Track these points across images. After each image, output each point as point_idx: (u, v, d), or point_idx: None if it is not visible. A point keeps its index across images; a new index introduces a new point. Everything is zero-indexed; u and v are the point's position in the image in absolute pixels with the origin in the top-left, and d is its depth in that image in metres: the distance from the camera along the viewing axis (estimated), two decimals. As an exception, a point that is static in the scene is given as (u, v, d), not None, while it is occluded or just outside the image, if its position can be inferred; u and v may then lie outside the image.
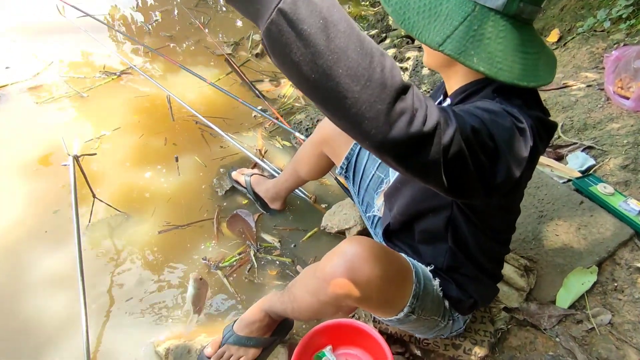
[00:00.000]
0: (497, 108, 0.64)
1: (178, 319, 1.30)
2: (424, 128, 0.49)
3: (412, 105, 0.49)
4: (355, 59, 0.45)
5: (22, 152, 1.87)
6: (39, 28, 2.89)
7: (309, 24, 0.44)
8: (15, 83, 2.29)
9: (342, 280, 0.75)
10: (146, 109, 2.21)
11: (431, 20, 0.64)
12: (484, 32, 0.64)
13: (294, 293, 0.94)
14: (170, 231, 1.57)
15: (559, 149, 1.67)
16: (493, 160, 0.59)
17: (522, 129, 0.63)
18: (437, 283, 0.90)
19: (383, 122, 0.47)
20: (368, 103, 0.46)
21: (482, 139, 0.58)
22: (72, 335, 1.23)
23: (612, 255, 1.27)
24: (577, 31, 2.29)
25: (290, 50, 0.45)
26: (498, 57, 0.65)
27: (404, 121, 0.48)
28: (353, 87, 0.46)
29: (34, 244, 1.50)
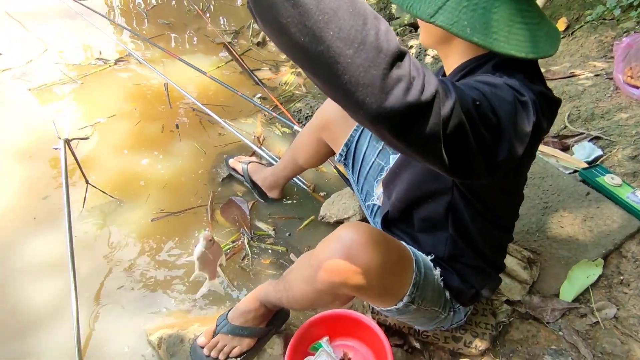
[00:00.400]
0: (498, 81, 0.62)
1: (171, 308, 1.27)
2: (421, 97, 0.45)
3: (409, 73, 0.45)
4: (347, 20, 0.42)
5: (13, 139, 1.83)
6: (34, 12, 2.83)
7: None
8: (7, 70, 2.23)
9: (338, 267, 0.71)
10: (143, 96, 2.16)
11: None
12: (477, 2, 0.62)
13: (289, 282, 0.91)
14: (164, 218, 1.54)
15: (565, 139, 1.62)
16: (495, 135, 0.56)
17: (524, 102, 0.60)
18: (438, 273, 0.86)
19: (378, 89, 0.43)
20: (362, 68, 0.43)
21: (483, 112, 0.55)
22: (62, 323, 1.21)
23: (618, 247, 1.23)
24: (586, 19, 2.23)
25: (278, 12, 0.42)
26: (493, 27, 0.62)
27: (401, 89, 0.44)
28: (345, 50, 0.42)
29: (24, 230, 1.47)
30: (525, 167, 0.81)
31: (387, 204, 0.98)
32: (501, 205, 0.84)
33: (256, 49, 2.75)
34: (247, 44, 2.81)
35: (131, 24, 2.90)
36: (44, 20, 2.74)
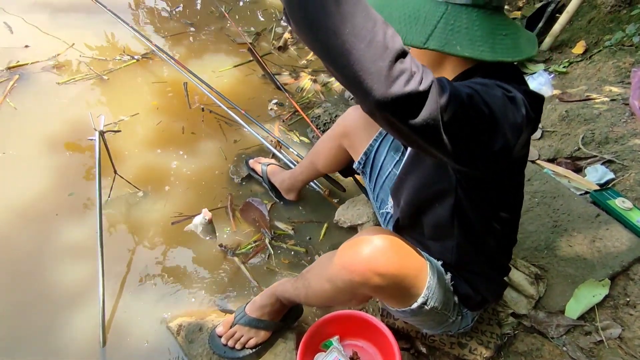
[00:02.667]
0: (487, 81, 0.70)
1: (192, 297, 1.33)
2: (419, 87, 0.54)
3: (410, 67, 0.54)
4: (360, 21, 0.52)
5: (43, 131, 1.90)
6: (61, 6, 2.92)
7: None
8: (35, 62, 2.30)
9: (360, 268, 0.77)
10: (164, 94, 2.23)
11: (412, 25, 0.72)
12: (460, 24, 0.72)
13: (309, 279, 0.96)
14: (186, 215, 1.60)
15: (578, 160, 1.66)
16: (490, 124, 0.64)
17: (512, 97, 0.68)
18: (449, 277, 0.91)
19: (384, 78, 0.53)
20: (371, 60, 0.52)
21: (476, 104, 0.62)
22: (87, 306, 1.27)
23: (626, 270, 1.26)
24: (605, 44, 2.26)
25: (305, 11, 0.53)
26: (478, 41, 0.72)
27: (403, 79, 0.53)
28: (358, 44, 0.52)
29: (53, 217, 1.54)
30: (522, 163, 0.87)
31: (397, 211, 1.03)
32: (503, 204, 0.89)
33: (277, 54, 2.81)
34: (268, 47, 2.87)
35: (154, 22, 2.98)
36: (70, 14, 2.81)
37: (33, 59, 2.32)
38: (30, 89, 2.13)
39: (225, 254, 1.46)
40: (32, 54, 2.36)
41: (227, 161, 1.86)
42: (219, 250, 1.47)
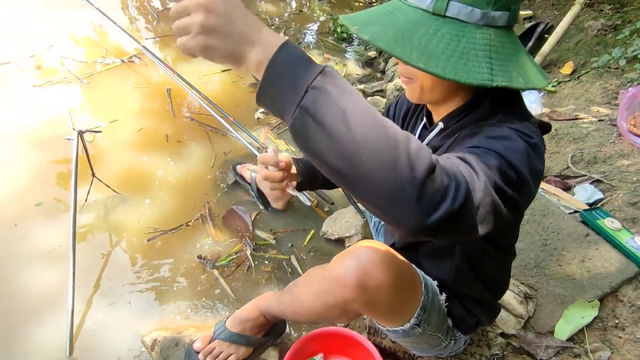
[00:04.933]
0: (507, 132, 0.63)
1: (168, 310, 1.26)
2: (455, 205, 0.48)
3: (441, 184, 0.47)
4: (378, 145, 0.46)
5: (19, 131, 1.81)
6: (44, 4, 2.83)
7: (329, 115, 0.46)
8: (7, 63, 2.18)
9: (352, 283, 0.72)
10: (150, 100, 2.16)
11: (466, 61, 0.62)
12: (509, 51, 0.65)
13: (297, 294, 0.91)
14: (166, 217, 1.53)
15: (567, 179, 1.66)
16: (519, 190, 0.59)
17: (534, 145, 0.63)
18: (444, 299, 0.87)
19: (414, 207, 0.46)
20: (397, 188, 0.45)
21: (506, 175, 0.57)
22: (56, 315, 1.19)
23: (615, 291, 1.25)
24: (592, 66, 2.31)
25: (314, 142, 0.47)
26: (525, 69, 0.67)
27: (436, 202, 0.47)
28: (378, 173, 0.45)
29: (26, 220, 1.46)
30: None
31: (390, 238, 1.00)
32: (507, 229, 0.86)
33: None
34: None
35: (140, 25, 2.91)
36: (48, 12, 2.72)
37: (5, 59, 2.21)
38: (5, 89, 2.03)
39: (205, 266, 1.39)
40: (5, 54, 2.25)
41: (211, 167, 1.81)
42: (198, 262, 1.40)
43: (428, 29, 0.63)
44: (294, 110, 0.48)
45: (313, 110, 0.47)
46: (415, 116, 0.94)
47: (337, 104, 0.47)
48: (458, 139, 0.71)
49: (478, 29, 0.64)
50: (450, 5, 0.63)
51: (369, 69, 3.04)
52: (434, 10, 0.64)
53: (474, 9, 0.63)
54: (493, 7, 0.63)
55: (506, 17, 0.65)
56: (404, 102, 1.00)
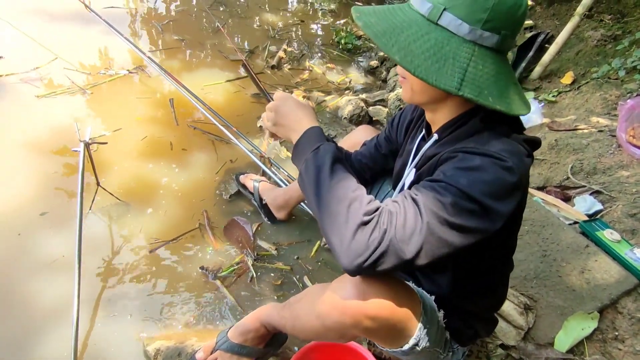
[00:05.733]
0: (478, 162, 0.68)
1: (171, 320, 1.27)
2: (374, 255, 0.64)
3: (368, 237, 0.64)
4: (329, 205, 0.69)
5: (21, 143, 1.81)
6: (56, 14, 2.87)
7: (307, 181, 0.76)
8: (11, 74, 2.17)
9: (352, 310, 0.73)
10: (153, 110, 2.19)
11: (440, 65, 0.67)
12: (488, 71, 0.69)
13: (297, 311, 0.92)
14: (169, 227, 1.54)
15: (567, 190, 1.67)
16: (483, 217, 0.66)
17: (508, 168, 0.67)
18: (442, 315, 0.88)
19: (344, 252, 0.65)
20: (335, 237, 0.67)
21: (464, 209, 0.65)
22: (61, 323, 1.21)
23: (614, 303, 1.26)
24: (592, 76, 2.32)
25: (304, 188, 0.78)
26: (504, 93, 0.70)
27: (360, 251, 0.64)
28: (327, 224, 0.69)
29: (31, 229, 1.48)
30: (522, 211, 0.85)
31: None
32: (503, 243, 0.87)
33: (270, 72, 2.82)
34: (261, 64, 2.88)
35: (145, 37, 2.94)
36: (55, 23, 2.74)
37: (9, 70, 2.21)
38: (4, 102, 2.02)
39: (207, 277, 1.41)
40: (9, 65, 2.25)
41: (215, 173, 1.83)
42: (200, 273, 1.42)
43: (418, 30, 0.69)
44: (300, 168, 0.79)
45: (303, 173, 0.77)
46: (416, 127, 0.98)
47: (312, 173, 0.74)
48: (442, 158, 0.75)
49: (464, 42, 0.68)
50: (443, 14, 0.68)
51: (371, 78, 3.07)
52: (429, 16, 0.70)
53: (463, 23, 0.67)
54: (482, 26, 0.67)
55: (495, 40, 0.69)
56: (408, 114, 1.05)
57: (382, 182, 1.23)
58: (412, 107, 1.05)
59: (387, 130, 1.13)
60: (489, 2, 0.66)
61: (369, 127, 1.43)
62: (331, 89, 2.78)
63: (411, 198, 0.68)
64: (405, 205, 0.67)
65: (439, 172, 0.70)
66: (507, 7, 0.67)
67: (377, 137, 1.17)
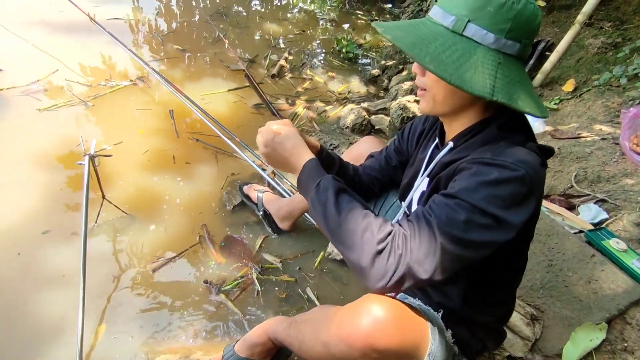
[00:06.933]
0: (495, 174, 0.69)
1: (176, 334, 1.26)
2: (394, 278, 0.67)
3: (385, 262, 0.67)
4: (342, 236, 0.72)
5: (23, 157, 1.81)
6: (59, 26, 2.90)
7: (317, 216, 0.79)
8: (12, 88, 2.18)
9: (359, 344, 0.72)
10: (155, 121, 2.20)
11: (472, 74, 0.70)
12: (514, 77, 0.73)
13: (303, 333, 0.90)
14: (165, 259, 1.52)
15: (572, 198, 1.66)
16: (498, 230, 0.68)
17: (523, 178, 0.69)
18: (450, 334, 0.87)
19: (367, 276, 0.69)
20: (355, 263, 0.70)
21: (479, 224, 0.67)
22: (66, 336, 1.20)
23: (622, 313, 1.24)
24: (593, 84, 2.33)
25: (317, 222, 0.81)
26: (529, 97, 0.74)
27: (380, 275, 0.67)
28: (345, 252, 0.72)
29: (34, 246, 1.47)
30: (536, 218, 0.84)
31: None
32: (516, 253, 0.87)
33: (271, 81, 2.83)
34: (262, 73, 2.89)
35: (146, 47, 2.96)
36: (57, 35, 2.77)
37: (11, 83, 2.22)
38: (6, 115, 2.02)
39: (211, 291, 1.40)
40: (10, 78, 2.26)
41: (216, 188, 1.82)
42: (204, 287, 1.41)
43: (445, 41, 0.72)
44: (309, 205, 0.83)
45: (312, 210, 0.81)
46: (428, 137, 1.00)
47: (320, 210, 0.77)
48: (459, 168, 0.75)
49: (490, 51, 0.72)
50: (468, 26, 0.72)
51: (372, 87, 3.08)
52: (453, 28, 0.73)
53: (488, 33, 0.71)
54: (506, 35, 0.71)
55: (516, 48, 0.73)
56: (418, 125, 1.06)
57: (388, 194, 1.23)
58: (422, 119, 1.06)
59: (396, 142, 1.13)
60: (510, 12, 0.70)
61: (374, 138, 1.43)
62: (332, 98, 2.79)
63: (425, 219, 0.69)
64: (420, 226, 0.68)
65: (454, 185, 0.72)
66: (526, 17, 0.71)
67: (385, 149, 1.17)
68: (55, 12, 3.06)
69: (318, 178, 0.81)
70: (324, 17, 4.13)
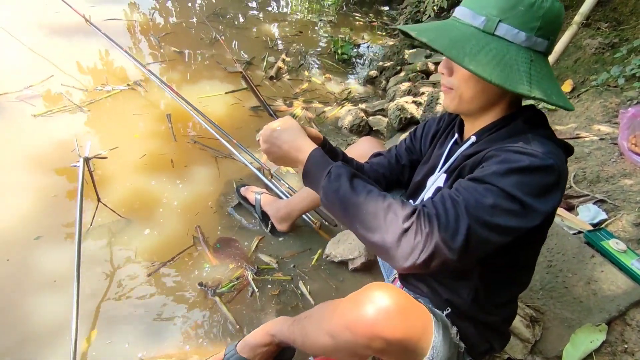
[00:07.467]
0: (526, 162, 0.69)
1: (171, 338, 1.25)
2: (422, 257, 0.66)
3: (412, 241, 0.66)
4: (363, 218, 0.70)
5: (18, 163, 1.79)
6: (56, 29, 2.88)
7: (332, 203, 0.76)
8: (6, 94, 2.15)
9: (365, 331, 0.72)
10: (152, 123, 2.18)
11: (509, 72, 0.71)
12: (545, 73, 0.74)
13: (307, 328, 0.91)
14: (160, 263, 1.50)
15: (570, 199, 1.66)
16: (524, 216, 0.68)
17: (552, 168, 0.69)
18: (455, 331, 0.87)
19: (393, 256, 0.67)
20: (380, 244, 0.68)
21: (505, 209, 0.67)
22: (59, 343, 1.18)
23: (622, 314, 1.23)
24: (591, 84, 2.33)
25: (330, 211, 0.78)
26: (560, 92, 0.75)
27: (407, 254, 0.66)
28: (367, 234, 0.70)
29: (27, 250, 1.45)
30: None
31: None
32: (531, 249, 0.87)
33: (269, 83, 2.82)
34: (260, 74, 2.88)
35: (145, 50, 2.95)
36: (54, 37, 2.75)
37: (5, 89, 2.19)
38: (0, 121, 2.00)
39: (206, 294, 1.38)
40: (4, 84, 2.23)
41: (213, 191, 1.81)
42: (200, 289, 1.39)
43: (478, 42, 0.73)
44: (319, 194, 0.79)
45: (324, 199, 0.78)
46: (445, 135, 1.00)
47: (334, 197, 0.74)
48: (487, 155, 0.76)
49: (521, 49, 0.73)
50: (499, 26, 0.73)
51: (370, 88, 3.07)
52: (484, 29, 0.74)
53: (520, 31, 0.73)
54: (536, 33, 0.73)
55: (545, 45, 0.74)
56: (432, 125, 1.07)
57: (391, 192, 1.22)
58: (435, 119, 1.07)
59: (407, 141, 1.13)
60: (540, 11, 0.72)
61: (372, 139, 1.43)
62: (330, 99, 2.78)
63: (451, 200, 0.69)
64: (447, 206, 0.68)
65: (482, 170, 0.72)
66: (554, 15, 0.73)
67: (395, 147, 1.17)
68: (50, 13, 3.04)
69: (327, 166, 0.79)
70: (322, 19, 4.13)
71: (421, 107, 2.43)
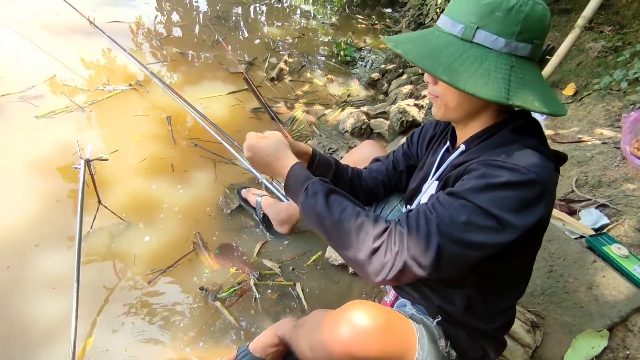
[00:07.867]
0: (504, 177, 0.68)
1: (171, 342, 1.25)
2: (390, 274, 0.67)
3: (382, 259, 0.68)
4: (338, 235, 0.73)
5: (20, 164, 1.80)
6: (59, 28, 2.89)
7: (310, 218, 0.78)
8: (7, 94, 2.16)
9: (338, 351, 0.74)
10: (152, 125, 2.18)
11: (486, 80, 0.70)
12: (528, 78, 0.72)
13: (299, 336, 0.93)
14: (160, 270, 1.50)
15: (572, 203, 1.65)
16: (500, 232, 0.67)
17: (534, 182, 0.68)
18: (444, 344, 0.86)
19: (365, 271, 0.69)
20: (352, 260, 0.71)
21: (479, 226, 0.67)
22: (57, 348, 1.18)
23: (624, 320, 1.22)
24: (594, 88, 2.32)
25: (310, 226, 0.80)
26: (546, 97, 0.73)
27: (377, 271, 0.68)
28: (342, 250, 0.73)
29: (30, 250, 1.46)
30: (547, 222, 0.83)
31: None
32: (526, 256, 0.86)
33: (270, 84, 2.82)
34: (261, 76, 2.88)
35: (147, 51, 2.96)
36: (56, 37, 2.76)
37: (7, 90, 2.19)
38: (2, 123, 2.00)
39: (206, 299, 1.38)
40: (7, 85, 2.23)
41: (213, 194, 1.81)
42: (200, 294, 1.39)
43: (456, 50, 0.72)
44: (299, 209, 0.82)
45: (303, 215, 0.80)
46: (439, 140, 1.00)
47: (311, 213, 0.77)
48: (469, 168, 0.75)
49: (501, 55, 0.71)
50: (477, 32, 0.72)
51: (372, 91, 3.07)
52: (462, 36, 0.73)
53: (498, 37, 0.71)
54: (516, 38, 0.71)
55: (528, 49, 0.72)
56: (429, 130, 1.06)
57: (389, 198, 1.22)
58: (432, 124, 1.06)
59: (405, 147, 1.13)
60: (519, 15, 0.70)
61: (374, 143, 1.42)
62: (332, 101, 2.78)
63: (425, 217, 0.69)
64: (420, 224, 0.68)
65: (461, 184, 0.71)
66: (535, 19, 0.71)
67: (393, 153, 1.17)
68: (53, 14, 3.05)
69: (305, 182, 0.81)
70: (324, 21, 4.14)
71: (423, 110, 2.42)
